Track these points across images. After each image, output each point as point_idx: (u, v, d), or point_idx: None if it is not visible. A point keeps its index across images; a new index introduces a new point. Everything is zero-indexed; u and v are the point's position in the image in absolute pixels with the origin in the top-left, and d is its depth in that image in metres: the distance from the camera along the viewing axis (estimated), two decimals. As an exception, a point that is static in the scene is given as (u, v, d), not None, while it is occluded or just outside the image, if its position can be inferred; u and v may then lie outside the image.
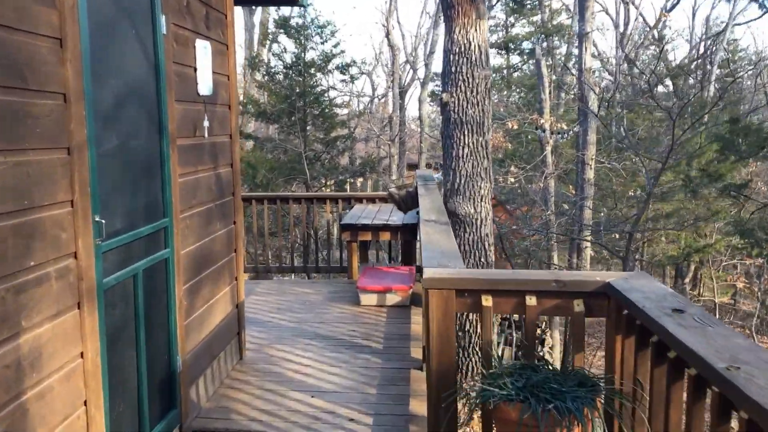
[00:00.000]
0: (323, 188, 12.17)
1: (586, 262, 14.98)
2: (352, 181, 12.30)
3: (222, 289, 4.47)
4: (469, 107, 5.91)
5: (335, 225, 9.49)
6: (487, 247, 6.09)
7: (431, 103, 33.46)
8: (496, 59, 37.39)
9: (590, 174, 14.94)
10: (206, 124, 4.12)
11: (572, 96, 18.80)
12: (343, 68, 12.43)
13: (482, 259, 6.00)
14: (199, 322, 4.00)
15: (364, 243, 8.16)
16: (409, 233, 7.50)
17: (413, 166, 28.25)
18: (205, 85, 4.07)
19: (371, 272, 7.09)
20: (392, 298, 6.48)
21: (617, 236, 11.63)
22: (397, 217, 7.74)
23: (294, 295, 7.02)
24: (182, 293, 3.65)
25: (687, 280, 23.23)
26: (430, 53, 25.61)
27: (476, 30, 5.85)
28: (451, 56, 5.94)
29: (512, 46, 28.85)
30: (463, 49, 5.88)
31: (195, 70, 3.94)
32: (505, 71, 30.27)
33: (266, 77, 12.53)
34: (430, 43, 25.90)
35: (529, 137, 17.32)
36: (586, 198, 14.78)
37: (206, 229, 4.14)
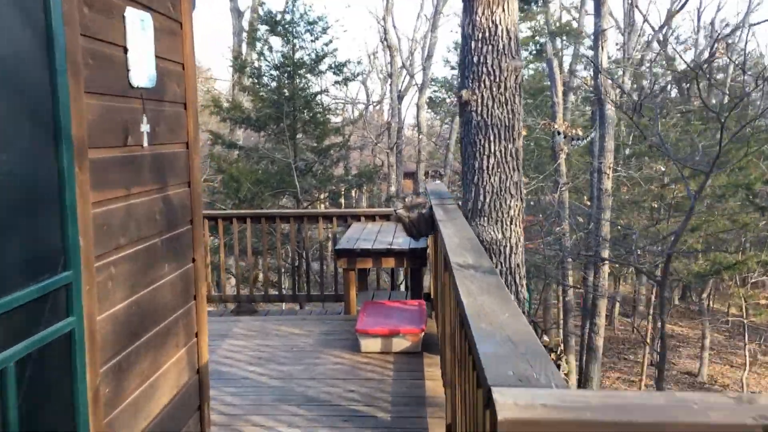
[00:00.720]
0: (316, 203, 11.01)
1: (604, 281, 13.86)
2: (349, 192, 11.15)
3: (172, 355, 3.31)
4: (495, 107, 4.77)
5: (329, 246, 8.36)
6: (518, 280, 4.94)
7: (429, 110, 32.44)
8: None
9: (608, 184, 13.84)
10: (145, 128, 2.97)
11: (586, 98, 17.70)
12: (337, 69, 11.32)
13: (513, 298, 4.83)
14: (133, 412, 2.83)
15: (363, 270, 7.03)
16: (417, 259, 6.36)
17: (410, 175, 27.17)
18: (142, 73, 2.92)
19: (373, 309, 5.93)
20: (400, 344, 5.32)
21: (640, 252, 10.51)
22: (402, 239, 6.61)
23: (280, 338, 5.85)
24: (100, 378, 2.49)
25: (705, 295, 22.13)
26: (428, 57, 24.60)
27: (504, 10, 4.73)
28: (473, 43, 4.81)
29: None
30: (487, 34, 4.75)
31: (125, 50, 2.79)
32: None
33: (251, 79, 11.38)
34: (428, 47, 24.91)
35: (536, 144, 16.22)
36: (604, 210, 13.68)
37: (146, 276, 2.98)
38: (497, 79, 4.78)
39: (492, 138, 4.81)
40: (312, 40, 11.32)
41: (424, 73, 24.84)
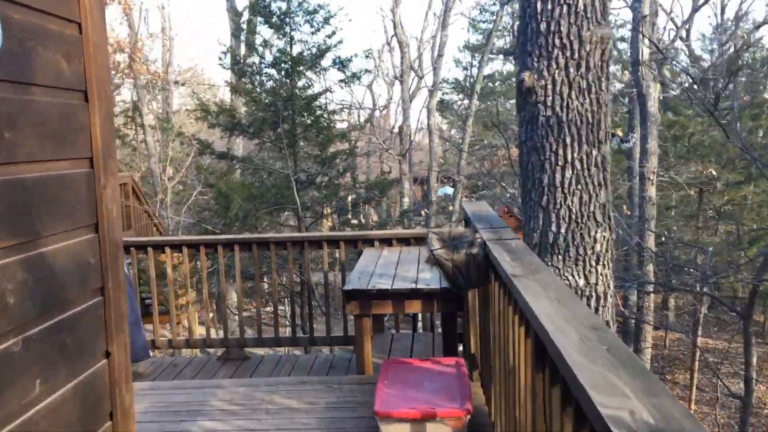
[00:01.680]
0: (320, 221, 9.57)
1: (650, 311, 12.36)
2: (357, 207, 9.72)
3: None
4: (573, 96, 3.35)
5: (337, 277, 7.00)
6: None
7: (439, 113, 30.96)
8: (504, 65, 35.18)
9: (652, 191, 12.35)
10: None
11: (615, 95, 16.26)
12: (342, 64, 9.92)
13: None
14: None
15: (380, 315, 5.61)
16: (452, 303, 4.91)
17: (423, 182, 25.68)
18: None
19: (395, 373, 4.46)
20: (437, 430, 3.86)
21: (710, 275, 9.13)
22: (430, 274, 5.17)
23: (271, 417, 4.40)
24: None
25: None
26: (439, 56, 23.22)
27: (585, -45, 3.29)
28: (538, 4, 3.36)
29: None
30: (561, -10, 3.32)
31: None
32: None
33: (244, 79, 9.97)
34: (438, 46, 23.54)
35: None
36: (648, 220, 12.19)
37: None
38: (576, 55, 3.34)
39: (569, 141, 3.37)
40: (312, 32, 9.92)
41: (434, 73, 23.46)
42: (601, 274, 3.44)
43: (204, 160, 11.10)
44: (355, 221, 10.20)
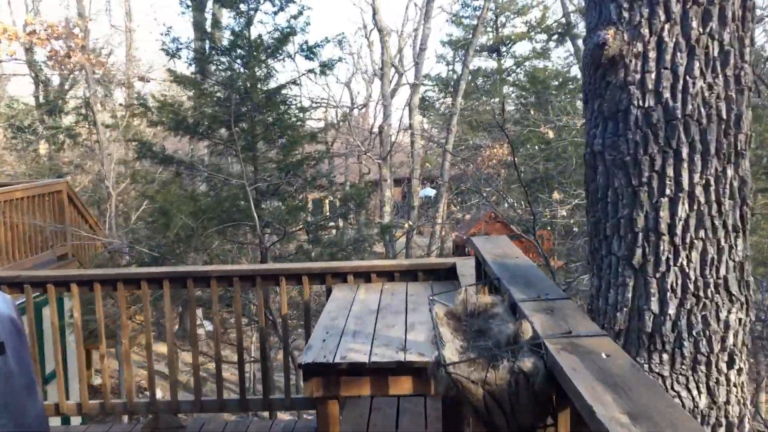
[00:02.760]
0: (285, 242, 7.97)
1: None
2: (329, 220, 8.17)
3: None
4: (697, 70, 1.84)
5: (301, 317, 5.51)
6: None
7: (422, 112, 29.55)
8: (485, 62, 33.99)
9: None
10: None
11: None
12: (310, 51, 8.34)
13: None
14: None
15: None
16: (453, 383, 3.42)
17: (403, 183, 24.17)
18: None
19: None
20: None
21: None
22: (423, 335, 3.72)
23: None
24: None
25: None
26: (421, 50, 21.77)
27: None
28: None
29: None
30: None
31: None
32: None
33: (190, 67, 8.36)
34: (420, 39, 22.12)
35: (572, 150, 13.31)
36: None
37: None
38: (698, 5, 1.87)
39: (686, 152, 1.90)
40: (274, 12, 8.31)
41: (416, 68, 22.04)
42: (735, 385, 2.00)
43: (151, 166, 9.52)
44: (327, 236, 8.64)
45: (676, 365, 1.97)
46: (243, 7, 7.76)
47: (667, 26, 1.87)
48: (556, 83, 24.67)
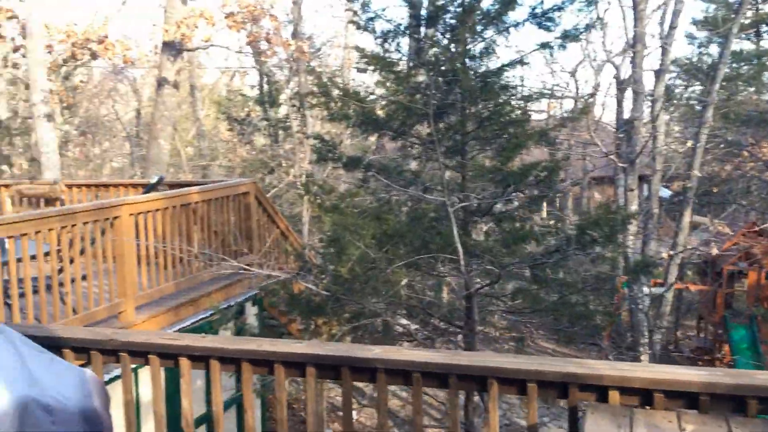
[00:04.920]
0: (496, 287, 5.72)
1: None
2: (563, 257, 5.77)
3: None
4: None
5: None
6: None
7: (665, 102, 25.55)
8: (739, 43, 29.15)
9: None
10: None
11: None
12: (545, 17, 5.94)
13: None
14: None
15: None
16: None
17: (641, 182, 20.65)
18: None
19: None
20: None
21: None
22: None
23: None
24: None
25: None
26: (671, 29, 18.31)
27: None
28: None
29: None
30: None
31: None
32: None
33: (377, 41, 6.38)
34: (670, 16, 18.57)
35: None
36: None
37: None
38: None
39: None
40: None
41: (663, 52, 18.58)
42: None
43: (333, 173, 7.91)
44: (553, 271, 6.27)
45: None
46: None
47: None
48: None
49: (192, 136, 25.54)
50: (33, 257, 5.69)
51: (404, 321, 6.94)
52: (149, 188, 8.93)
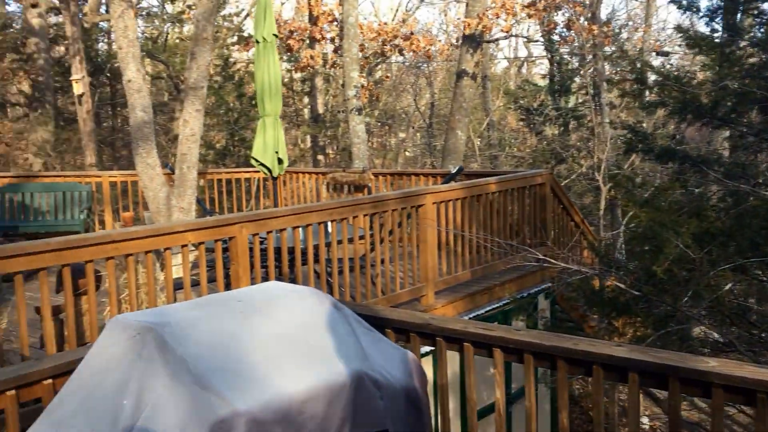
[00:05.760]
0: None
1: None
2: None
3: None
4: None
5: None
6: None
7: None
8: None
9: None
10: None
11: None
12: None
13: None
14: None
15: None
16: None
17: None
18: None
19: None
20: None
21: None
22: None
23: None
24: None
25: None
26: None
27: None
28: None
29: None
30: None
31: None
32: None
33: (701, 17, 5.58)
34: None
35: None
36: None
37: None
38: None
39: None
40: None
41: None
42: None
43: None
44: None
45: None
46: None
47: None
48: None
49: (483, 126, 25.96)
50: (350, 240, 6.20)
51: (705, 329, 6.27)
52: (449, 178, 9.19)
